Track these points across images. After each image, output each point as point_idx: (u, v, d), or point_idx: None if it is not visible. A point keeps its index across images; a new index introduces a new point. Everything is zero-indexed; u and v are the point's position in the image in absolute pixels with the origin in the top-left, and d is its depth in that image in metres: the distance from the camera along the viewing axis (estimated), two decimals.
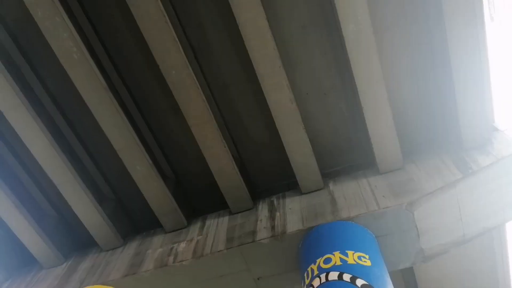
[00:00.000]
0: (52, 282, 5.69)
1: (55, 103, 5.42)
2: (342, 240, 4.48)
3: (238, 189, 5.47)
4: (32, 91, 5.20)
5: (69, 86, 4.82)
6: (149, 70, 5.12)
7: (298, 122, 4.95)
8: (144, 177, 5.37)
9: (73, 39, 4.44)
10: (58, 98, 5.44)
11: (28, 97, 4.94)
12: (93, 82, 4.69)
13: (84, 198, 5.50)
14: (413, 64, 4.98)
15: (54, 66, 4.83)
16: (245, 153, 5.80)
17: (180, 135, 5.63)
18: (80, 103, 4.92)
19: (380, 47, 4.55)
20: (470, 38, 4.35)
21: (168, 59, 4.56)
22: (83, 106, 4.92)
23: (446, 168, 4.84)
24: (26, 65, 5.16)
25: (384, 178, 5.11)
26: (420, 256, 4.84)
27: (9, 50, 5.02)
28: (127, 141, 5.09)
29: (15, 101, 4.80)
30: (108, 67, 5.08)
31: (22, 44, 5.08)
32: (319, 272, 4.11)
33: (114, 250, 5.93)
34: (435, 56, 4.84)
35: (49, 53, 4.63)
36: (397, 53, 4.90)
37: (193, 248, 5.28)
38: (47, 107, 5.35)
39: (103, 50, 5.04)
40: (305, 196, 5.41)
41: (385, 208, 4.62)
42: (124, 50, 5.09)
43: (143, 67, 5.15)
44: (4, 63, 4.75)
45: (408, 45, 4.85)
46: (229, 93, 5.35)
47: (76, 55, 4.51)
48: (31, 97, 5.06)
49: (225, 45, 5.00)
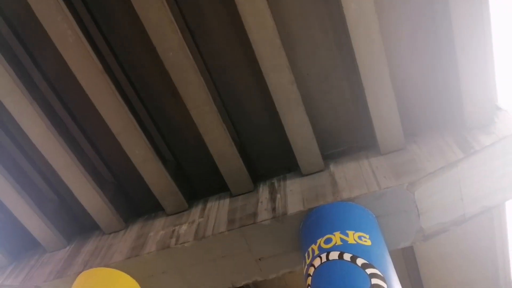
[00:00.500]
0: (56, 265, 5.76)
1: (51, 87, 5.36)
2: (343, 220, 4.51)
3: (239, 171, 5.47)
4: (28, 75, 5.13)
5: (65, 70, 4.75)
6: (147, 53, 5.03)
7: (298, 104, 4.90)
8: (143, 160, 5.35)
9: (68, 21, 4.34)
10: (55, 82, 5.37)
11: (24, 82, 4.87)
12: (89, 65, 4.62)
13: (84, 182, 5.50)
14: (416, 44, 4.88)
15: (50, 49, 4.74)
16: (245, 135, 5.77)
17: (179, 118, 5.58)
18: (77, 87, 4.85)
19: (382, 26, 4.46)
20: (474, 17, 4.25)
21: (165, 41, 4.47)
22: (80, 90, 4.86)
23: (448, 148, 4.82)
24: (21, 49, 5.07)
25: (385, 159, 5.10)
26: (420, 235, 4.87)
27: (4, 34, 4.93)
28: (126, 124, 5.05)
29: (10, 86, 4.74)
30: (104, 49, 4.99)
31: (16, 28, 4.98)
32: (319, 252, 4.14)
33: (116, 233, 5.98)
34: (438, 35, 4.75)
35: (44, 37, 4.55)
36: (400, 33, 4.80)
37: (194, 230, 5.31)
38: (43, 91, 5.29)
39: (99, 32, 4.94)
40: (306, 177, 5.41)
41: (385, 189, 4.63)
42: (120, 32, 4.98)
43: (140, 49, 5.06)
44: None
45: (411, 25, 4.75)
46: (228, 76, 5.27)
47: (71, 38, 4.43)
48: (27, 82, 4.99)
49: (223, 26, 4.89)
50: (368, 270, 3.78)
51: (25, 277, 5.79)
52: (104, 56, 4.95)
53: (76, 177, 5.46)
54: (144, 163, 5.38)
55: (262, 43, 4.48)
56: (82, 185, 5.54)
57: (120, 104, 4.90)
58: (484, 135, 4.76)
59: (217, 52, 5.08)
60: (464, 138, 4.85)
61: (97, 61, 4.63)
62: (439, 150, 4.85)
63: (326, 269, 3.96)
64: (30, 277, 5.74)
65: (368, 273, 3.74)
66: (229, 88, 5.37)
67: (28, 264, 6.08)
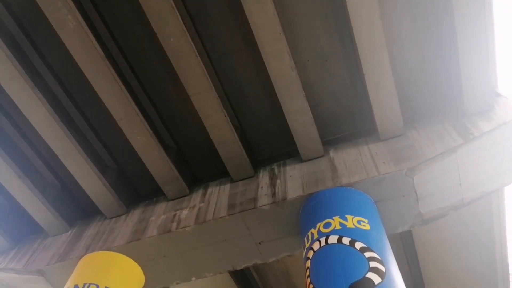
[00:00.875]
0: (58, 248, 5.85)
1: (53, 73, 5.35)
2: (342, 205, 4.56)
3: (239, 157, 5.51)
4: (29, 61, 5.12)
5: (67, 56, 4.75)
6: (147, 38, 5.02)
7: (298, 90, 4.91)
8: (144, 146, 5.39)
9: (68, 7, 4.32)
10: (56, 68, 5.37)
11: (25, 68, 4.87)
12: (90, 51, 4.61)
13: (86, 168, 5.55)
14: (417, 30, 4.87)
15: (51, 35, 4.73)
16: (245, 121, 5.80)
17: (180, 104, 5.60)
18: (78, 73, 4.86)
19: (383, 12, 4.44)
20: (476, 3, 4.24)
21: (166, 27, 4.46)
22: (81, 76, 4.87)
23: (447, 134, 4.85)
24: (22, 36, 5.05)
25: (384, 145, 5.13)
26: (419, 220, 4.94)
27: (4, 21, 4.90)
28: (127, 110, 5.07)
29: (12, 72, 4.74)
30: (104, 35, 4.97)
31: (17, 14, 4.95)
32: (319, 236, 4.21)
33: (117, 217, 6.05)
34: (439, 21, 4.73)
35: (45, 23, 4.53)
36: (400, 18, 4.79)
37: (195, 214, 5.38)
38: (44, 77, 5.29)
39: (99, 18, 4.92)
40: (306, 163, 5.46)
41: (385, 174, 4.67)
42: (121, 18, 4.96)
43: (141, 35, 5.05)
44: (0, 34, 4.66)
45: (412, 10, 4.73)
46: (229, 61, 5.27)
47: (72, 23, 4.41)
48: (29, 68, 4.99)
49: (224, 12, 4.87)
50: (366, 253, 3.85)
51: (28, 260, 5.88)
52: (105, 42, 4.94)
53: (77, 162, 5.50)
54: (145, 149, 5.42)
55: (262, 28, 4.47)
56: (83, 171, 5.59)
57: (121, 90, 4.91)
58: (484, 121, 4.79)
59: (218, 38, 5.07)
60: (463, 125, 4.88)
61: (98, 47, 4.62)
62: (438, 136, 4.89)
63: (325, 253, 4.03)
64: (33, 261, 5.83)
65: (367, 257, 3.81)
66: (229, 74, 5.37)
67: (31, 248, 6.17)
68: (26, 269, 5.77)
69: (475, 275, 7.41)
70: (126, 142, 5.43)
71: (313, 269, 3.99)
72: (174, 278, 5.77)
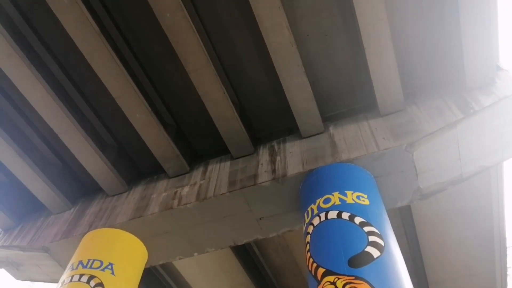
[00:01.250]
0: (62, 226, 5.93)
1: (49, 51, 5.29)
2: (341, 181, 4.59)
3: (239, 134, 5.50)
4: (25, 39, 5.05)
5: (63, 33, 4.68)
6: (143, 14, 4.93)
7: (298, 66, 4.85)
8: (144, 124, 5.38)
9: None
10: (52, 46, 5.29)
11: (21, 46, 4.81)
12: (85, 27, 4.53)
13: (86, 146, 5.55)
14: (418, 3, 4.77)
15: (46, 12, 4.65)
16: (245, 98, 5.76)
17: (178, 81, 5.55)
18: (75, 51, 4.80)
19: None
20: None
21: (161, 2, 4.37)
22: (78, 53, 4.81)
23: (447, 109, 4.83)
24: (17, 14, 4.97)
25: (384, 120, 5.11)
26: (418, 195, 4.98)
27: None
28: (125, 88, 5.03)
29: (8, 50, 4.68)
30: (100, 12, 4.88)
31: None
32: (318, 212, 4.25)
33: (119, 195, 6.10)
34: None
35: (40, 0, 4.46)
36: None
37: (196, 191, 5.42)
38: (41, 55, 5.23)
39: None
40: (306, 140, 5.45)
41: (384, 150, 4.68)
42: None
43: (137, 10, 4.96)
44: None
45: None
46: (227, 37, 5.19)
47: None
48: (24, 46, 4.93)
49: None
50: (365, 228, 3.90)
51: (32, 238, 5.97)
52: (100, 18, 4.85)
53: (77, 141, 5.50)
54: (145, 127, 5.41)
55: (261, 2, 4.38)
56: (83, 149, 5.60)
57: (118, 67, 4.85)
58: (484, 95, 4.75)
59: (216, 13, 4.98)
60: (463, 99, 4.84)
61: (93, 23, 4.54)
62: (438, 111, 4.86)
63: (324, 228, 4.08)
64: (37, 238, 5.92)
65: (366, 231, 3.86)
66: (228, 50, 5.30)
67: (34, 225, 6.25)
68: (31, 246, 5.86)
69: (473, 249, 7.53)
70: (125, 120, 5.42)
71: (313, 244, 4.05)
72: (177, 253, 5.87)
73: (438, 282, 8.23)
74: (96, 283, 4.74)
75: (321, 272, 3.63)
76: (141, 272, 5.56)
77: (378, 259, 3.56)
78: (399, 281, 3.46)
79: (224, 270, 7.86)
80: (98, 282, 4.76)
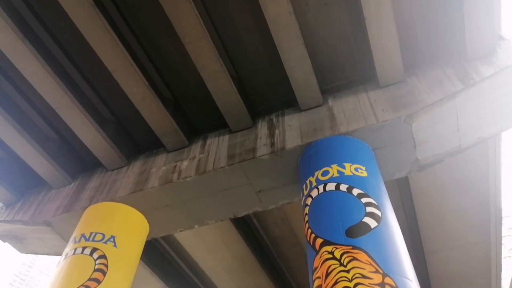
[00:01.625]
0: (63, 200, 5.98)
1: (43, 25, 5.17)
2: (340, 153, 4.60)
3: (237, 108, 5.47)
4: (18, 12, 4.93)
5: (56, 6, 4.57)
6: None
7: (297, 36, 4.76)
8: (141, 98, 5.33)
9: None
10: (46, 20, 5.18)
11: (13, 19, 4.70)
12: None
13: (83, 121, 5.53)
14: None
15: None
16: (243, 71, 5.69)
17: (175, 55, 5.46)
18: (69, 24, 4.70)
19: None
20: None
21: None
22: (72, 26, 4.71)
23: (447, 79, 4.78)
24: None
25: (384, 92, 5.08)
26: (416, 166, 5.01)
27: None
28: (120, 61, 4.95)
29: (0, 24, 4.58)
30: None
31: None
32: (317, 184, 4.29)
33: (119, 169, 6.13)
34: None
35: None
36: None
37: (195, 165, 5.44)
38: (34, 29, 5.12)
39: None
40: (304, 113, 5.43)
41: (383, 122, 4.67)
42: None
43: None
44: None
45: None
46: (224, 8, 5.07)
47: None
48: (17, 19, 4.82)
49: None
50: (363, 199, 3.94)
51: (34, 212, 6.04)
52: None
53: (75, 116, 5.47)
54: (142, 101, 5.37)
55: None
56: (81, 124, 5.58)
57: (113, 40, 4.77)
58: (485, 65, 4.70)
59: None
60: (464, 69, 4.79)
61: None
62: (438, 82, 4.82)
63: (323, 199, 4.12)
64: (39, 212, 5.99)
65: (364, 202, 3.90)
66: (225, 21, 5.19)
67: (36, 200, 6.31)
68: (33, 221, 5.94)
69: (469, 219, 7.64)
70: (123, 94, 5.37)
71: (311, 215, 4.11)
72: (178, 226, 5.95)
73: (434, 251, 8.41)
74: (99, 255, 4.83)
75: (319, 242, 3.70)
76: (143, 244, 5.66)
77: (375, 229, 3.62)
78: (395, 251, 3.53)
79: (225, 241, 8.00)
80: (101, 255, 4.85)
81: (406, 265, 3.44)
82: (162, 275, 7.87)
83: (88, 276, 4.58)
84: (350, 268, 3.29)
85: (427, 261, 8.65)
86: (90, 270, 4.65)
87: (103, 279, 4.63)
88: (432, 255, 8.51)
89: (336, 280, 3.26)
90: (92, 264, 4.73)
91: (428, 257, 8.57)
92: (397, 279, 3.20)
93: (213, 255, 8.38)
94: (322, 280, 3.38)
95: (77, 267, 4.73)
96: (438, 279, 9.07)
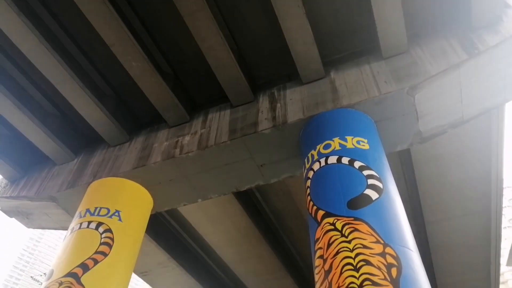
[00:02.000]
0: (67, 176, 6.03)
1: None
2: (342, 126, 4.58)
3: (238, 81, 5.41)
4: None
5: None
6: None
7: (298, 6, 4.64)
8: (141, 72, 5.28)
9: None
10: None
11: None
12: None
13: (83, 96, 5.50)
14: None
15: None
16: (243, 44, 5.59)
17: (174, 28, 5.36)
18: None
19: None
20: None
21: None
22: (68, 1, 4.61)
23: (451, 50, 4.69)
24: None
25: (387, 63, 5.00)
26: (418, 138, 4.99)
27: None
28: (118, 35, 4.87)
29: None
30: None
31: None
32: (318, 157, 4.30)
33: (121, 145, 6.15)
34: None
35: None
36: None
37: (197, 140, 5.45)
38: (29, 2, 5.01)
39: None
40: (306, 86, 5.37)
41: (386, 94, 4.62)
42: None
43: None
44: None
45: None
46: None
47: None
48: None
49: None
50: (365, 171, 3.95)
51: (39, 188, 6.11)
52: None
53: (74, 91, 5.44)
54: (142, 75, 5.32)
55: None
56: (81, 99, 5.55)
57: (110, 12, 4.66)
58: (490, 34, 4.59)
59: None
60: (469, 39, 4.69)
61: None
62: (442, 52, 4.73)
63: (324, 172, 4.14)
64: (44, 188, 6.05)
65: (365, 174, 3.92)
66: None
67: (40, 176, 6.37)
68: (39, 196, 6.01)
69: (469, 190, 7.69)
70: (122, 69, 5.31)
71: (313, 188, 4.13)
72: (181, 200, 6.03)
73: (434, 222, 8.52)
74: (104, 229, 4.92)
75: (321, 214, 3.74)
76: (147, 218, 5.74)
77: (376, 201, 3.65)
78: (396, 222, 3.56)
79: (228, 214, 8.11)
80: (106, 228, 4.94)
81: (407, 235, 3.49)
82: (167, 248, 8.04)
83: (94, 250, 4.68)
84: (352, 239, 3.34)
85: (427, 231, 8.78)
86: (96, 244, 4.75)
87: (110, 252, 4.74)
88: (433, 225, 8.62)
89: (338, 250, 3.32)
90: (98, 238, 4.82)
91: (428, 227, 8.70)
92: (398, 248, 3.25)
93: (216, 227, 8.52)
94: (324, 251, 3.44)
95: (83, 241, 4.83)
96: (438, 249, 9.24)
